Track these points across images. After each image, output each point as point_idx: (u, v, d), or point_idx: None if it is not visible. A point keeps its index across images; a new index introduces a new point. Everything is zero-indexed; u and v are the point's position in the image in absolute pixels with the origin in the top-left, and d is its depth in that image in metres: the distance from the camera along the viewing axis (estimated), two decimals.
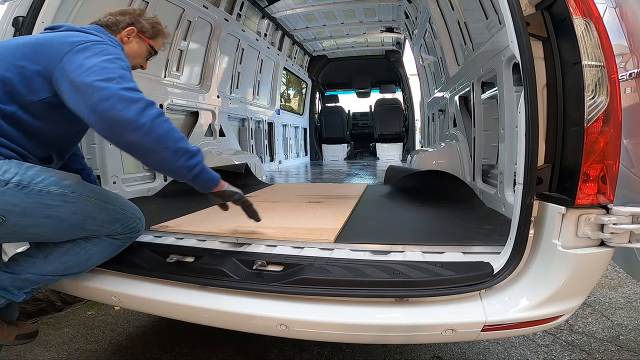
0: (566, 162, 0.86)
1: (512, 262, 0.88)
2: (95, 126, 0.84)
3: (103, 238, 1.01)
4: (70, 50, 0.86)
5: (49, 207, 0.87)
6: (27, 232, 0.90)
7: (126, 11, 1.14)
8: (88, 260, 1.01)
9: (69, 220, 0.92)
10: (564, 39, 0.86)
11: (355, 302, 0.90)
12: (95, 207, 0.96)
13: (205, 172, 0.99)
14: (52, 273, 0.98)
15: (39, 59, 0.87)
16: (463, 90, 2.01)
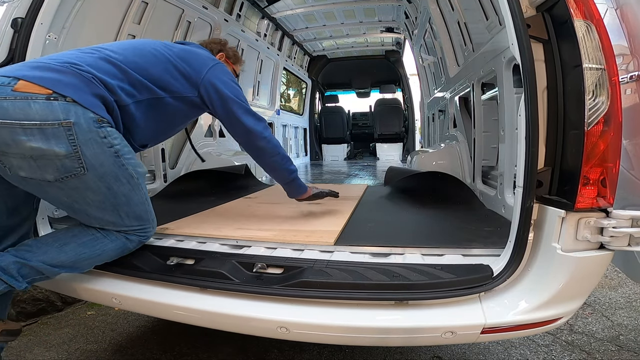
0: (566, 165, 0.86)
1: (511, 265, 0.88)
2: (234, 129, 1.24)
3: (119, 235, 1.04)
4: (213, 65, 1.21)
5: (117, 181, 0.97)
6: (81, 195, 0.95)
7: (214, 40, 1.48)
8: (99, 256, 1.02)
9: (118, 199, 0.99)
10: (565, 41, 0.86)
11: (355, 305, 0.90)
12: (138, 197, 1.03)
13: (299, 180, 1.35)
14: (62, 264, 0.97)
15: (190, 64, 1.17)
16: (463, 91, 2.00)
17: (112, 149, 0.95)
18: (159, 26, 2.13)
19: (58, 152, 0.86)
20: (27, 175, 0.89)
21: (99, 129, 0.92)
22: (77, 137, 0.88)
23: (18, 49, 1.30)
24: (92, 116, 0.91)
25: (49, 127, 0.86)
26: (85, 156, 0.90)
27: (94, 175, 0.93)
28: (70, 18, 1.61)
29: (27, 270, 0.95)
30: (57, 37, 1.55)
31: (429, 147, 3.01)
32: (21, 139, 0.84)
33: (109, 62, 1.02)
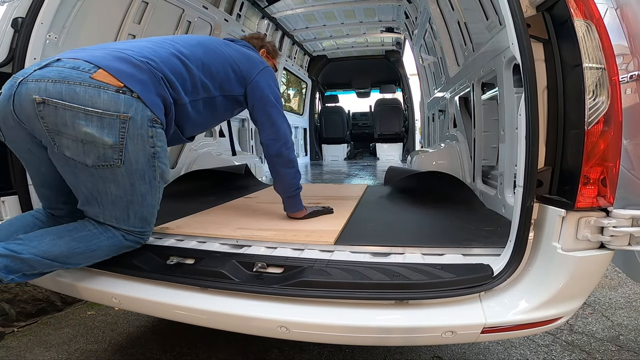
0: (566, 165, 0.86)
1: (511, 264, 0.88)
2: (265, 130, 1.31)
3: (117, 233, 1.03)
4: (263, 68, 1.30)
5: (142, 179, 0.99)
6: (105, 185, 0.97)
7: (254, 36, 1.53)
8: (93, 252, 1.00)
9: (135, 197, 1.00)
10: (565, 41, 0.86)
11: (356, 305, 0.90)
12: (152, 199, 1.05)
13: (299, 197, 1.40)
14: (54, 258, 0.94)
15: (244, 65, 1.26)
16: (463, 90, 2.00)
17: (153, 149, 0.99)
18: (159, 26, 2.13)
19: (106, 141, 0.91)
20: (71, 155, 0.92)
21: (150, 128, 0.97)
22: (127, 131, 0.93)
23: (18, 48, 1.30)
24: (149, 115, 0.97)
25: (108, 117, 0.90)
26: (127, 150, 0.94)
27: (126, 169, 0.96)
28: (71, 18, 1.61)
29: (16, 264, 0.91)
30: (57, 36, 1.55)
31: (429, 147, 3.01)
32: (80, 122, 0.88)
33: (179, 59, 1.08)
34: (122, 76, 0.93)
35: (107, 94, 0.90)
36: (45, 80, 0.89)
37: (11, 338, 1.79)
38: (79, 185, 0.99)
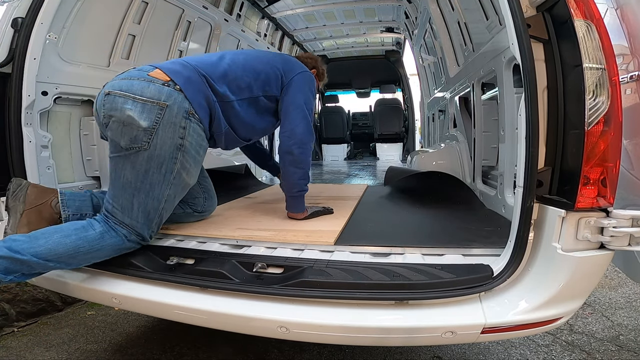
0: (566, 165, 0.86)
1: (511, 264, 0.88)
2: (284, 126, 1.32)
3: (119, 232, 1.06)
4: (302, 72, 1.37)
5: (158, 168, 1.06)
6: (122, 167, 1.05)
7: (310, 56, 1.64)
8: (96, 252, 1.03)
9: (143, 185, 1.06)
10: (565, 41, 0.86)
11: (356, 305, 0.90)
12: (159, 193, 1.09)
13: (302, 199, 1.41)
14: (57, 257, 0.97)
15: (285, 69, 1.34)
16: (463, 90, 2.00)
17: (180, 141, 1.07)
18: (159, 26, 2.13)
19: (141, 124, 1.01)
20: (111, 136, 1.04)
21: (184, 119, 1.06)
22: (162, 117, 1.03)
23: (18, 48, 1.31)
24: (187, 107, 1.06)
25: (150, 104, 1.02)
26: (157, 135, 1.03)
27: (148, 154, 1.04)
28: (71, 18, 1.61)
29: (17, 266, 0.93)
30: (57, 36, 1.56)
31: (429, 147, 3.01)
32: (126, 107, 1.01)
33: (224, 62, 1.22)
34: (170, 72, 1.08)
35: (155, 86, 1.04)
36: (118, 79, 1.08)
37: (11, 338, 1.79)
38: (114, 173, 1.08)
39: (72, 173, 1.75)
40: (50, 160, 1.53)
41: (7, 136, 1.31)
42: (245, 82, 1.23)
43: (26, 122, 1.34)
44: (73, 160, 1.76)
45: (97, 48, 1.82)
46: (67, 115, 1.73)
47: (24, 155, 1.32)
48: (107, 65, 1.87)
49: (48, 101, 1.52)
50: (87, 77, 1.74)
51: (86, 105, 1.81)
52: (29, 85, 1.34)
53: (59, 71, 1.57)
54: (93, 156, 1.82)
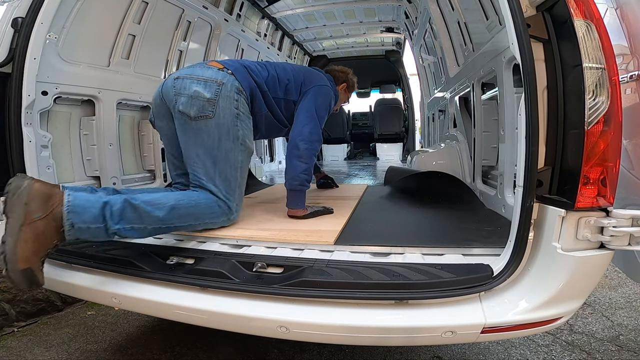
0: (566, 165, 0.86)
1: (511, 264, 0.88)
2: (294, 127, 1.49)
3: (210, 194, 1.26)
4: (321, 85, 1.59)
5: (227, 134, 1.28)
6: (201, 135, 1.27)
7: (342, 70, 1.85)
8: (193, 207, 1.20)
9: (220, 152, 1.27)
10: (565, 41, 0.86)
11: (356, 304, 0.90)
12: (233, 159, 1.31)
13: (303, 196, 1.48)
14: (162, 205, 1.13)
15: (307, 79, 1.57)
16: (463, 90, 2.00)
17: (236, 110, 1.31)
18: (159, 26, 2.13)
19: (205, 95, 1.26)
20: (182, 109, 1.26)
21: (236, 94, 1.32)
22: (220, 91, 1.28)
23: (18, 48, 1.30)
24: (237, 85, 1.33)
25: (210, 82, 1.28)
26: (218, 105, 1.26)
27: (215, 122, 1.26)
28: (71, 18, 1.61)
29: (130, 213, 1.06)
30: (57, 36, 1.55)
31: (429, 147, 3.01)
32: (192, 84, 1.27)
33: (258, 64, 1.50)
34: (223, 63, 1.39)
35: (212, 70, 1.33)
36: (183, 70, 1.38)
37: (11, 338, 1.79)
38: (184, 136, 1.30)
39: (72, 173, 1.75)
40: (50, 160, 1.53)
41: (7, 136, 1.31)
42: (272, 83, 1.48)
43: (26, 122, 1.34)
44: (73, 160, 1.76)
45: (97, 48, 1.82)
46: (67, 115, 1.73)
47: (24, 155, 1.32)
48: (107, 65, 1.87)
49: (48, 101, 1.52)
50: (87, 77, 1.74)
51: (86, 105, 1.81)
52: (29, 85, 1.34)
53: (59, 71, 1.57)
54: (93, 156, 1.82)
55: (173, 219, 1.13)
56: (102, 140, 1.82)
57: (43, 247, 0.93)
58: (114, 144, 1.89)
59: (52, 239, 0.95)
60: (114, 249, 1.16)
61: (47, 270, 1.20)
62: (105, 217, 1.01)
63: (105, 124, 1.83)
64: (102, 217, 1.00)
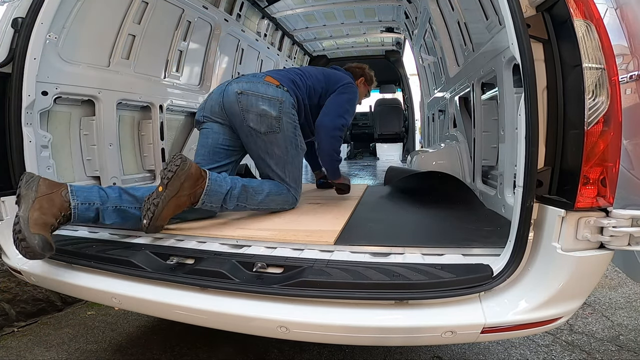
0: (566, 165, 0.86)
1: (511, 264, 0.88)
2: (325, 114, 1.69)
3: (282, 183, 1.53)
4: (346, 83, 1.76)
5: (292, 144, 1.55)
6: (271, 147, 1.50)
7: (358, 66, 2.05)
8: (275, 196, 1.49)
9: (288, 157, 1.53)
10: (565, 41, 0.86)
11: (355, 305, 0.90)
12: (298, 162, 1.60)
13: (338, 167, 1.84)
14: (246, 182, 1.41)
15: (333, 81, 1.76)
16: (463, 90, 2.00)
17: (294, 123, 1.55)
18: (159, 26, 2.14)
19: (272, 113, 1.47)
20: (252, 125, 1.47)
21: (291, 109, 1.54)
22: (282, 108, 1.49)
23: (18, 48, 1.30)
24: (292, 101, 1.56)
25: (274, 100, 1.49)
26: (282, 121, 1.49)
27: (282, 135, 1.50)
28: (71, 18, 1.61)
29: (242, 195, 1.38)
30: (57, 36, 1.56)
31: (429, 147, 3.01)
32: (259, 103, 1.47)
33: (302, 79, 1.69)
34: (278, 79, 1.57)
35: (273, 88, 1.51)
36: (241, 82, 1.53)
37: (11, 338, 1.80)
38: (255, 148, 1.52)
39: (72, 173, 1.75)
40: (50, 160, 1.53)
41: (7, 136, 1.31)
42: (312, 93, 1.69)
43: (26, 122, 1.34)
44: (73, 160, 1.76)
45: (97, 48, 1.82)
46: (67, 115, 1.73)
47: (24, 155, 1.32)
48: (107, 65, 1.87)
49: (48, 101, 1.52)
50: (87, 77, 1.74)
51: (86, 105, 1.81)
52: (29, 85, 1.34)
53: (59, 71, 1.57)
54: (93, 156, 1.82)
55: (265, 202, 1.45)
56: (102, 140, 1.83)
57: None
58: (114, 144, 1.89)
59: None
60: (114, 249, 1.16)
61: (47, 271, 1.21)
62: (226, 199, 1.33)
63: (105, 124, 1.83)
64: (224, 200, 1.33)
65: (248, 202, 1.40)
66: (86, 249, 1.18)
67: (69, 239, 1.32)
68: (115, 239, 1.31)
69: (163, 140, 2.20)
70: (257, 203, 1.43)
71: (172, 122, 2.39)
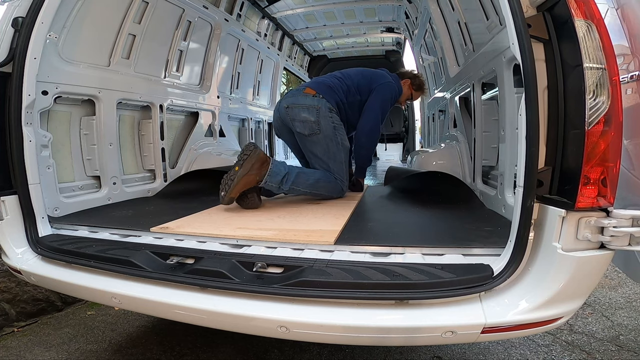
0: (567, 165, 0.86)
1: (512, 264, 0.88)
2: (362, 125, 1.99)
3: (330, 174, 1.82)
4: (385, 82, 2.00)
5: (332, 141, 1.82)
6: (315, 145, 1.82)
7: (412, 71, 2.31)
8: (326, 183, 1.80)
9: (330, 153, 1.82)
10: (566, 41, 0.86)
11: (356, 304, 0.89)
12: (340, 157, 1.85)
13: (365, 170, 2.15)
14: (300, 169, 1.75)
15: (373, 79, 2.00)
16: (463, 90, 2.00)
17: (333, 124, 1.82)
18: (160, 26, 2.14)
19: (311, 119, 1.78)
20: (299, 130, 1.82)
21: (329, 113, 1.81)
22: (319, 113, 1.78)
23: (18, 48, 1.30)
24: (329, 106, 1.82)
25: (311, 108, 1.80)
26: (321, 124, 1.78)
27: (323, 135, 1.79)
28: (71, 17, 1.61)
29: (297, 179, 1.69)
30: (57, 36, 1.56)
31: (429, 147, 3.01)
32: (300, 111, 1.80)
33: (341, 82, 1.95)
34: (314, 88, 1.86)
35: (309, 97, 1.82)
36: (287, 98, 1.91)
37: (11, 338, 1.79)
38: (305, 148, 1.87)
39: (72, 172, 1.75)
40: (50, 159, 1.53)
41: (7, 136, 1.31)
42: (350, 92, 1.93)
43: (26, 122, 1.34)
44: (73, 160, 1.76)
45: (98, 48, 1.82)
46: (67, 114, 1.73)
47: (24, 154, 1.32)
48: (107, 65, 1.87)
49: (48, 101, 1.52)
50: (88, 77, 1.74)
51: (86, 105, 1.81)
52: (29, 84, 1.34)
53: (59, 71, 1.57)
54: (93, 156, 1.82)
55: (316, 187, 1.74)
56: (102, 140, 1.83)
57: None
58: (114, 144, 1.89)
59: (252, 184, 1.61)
60: (114, 249, 1.16)
61: (47, 270, 1.21)
62: (283, 181, 1.65)
63: (105, 123, 1.83)
64: (281, 182, 1.65)
65: (301, 185, 1.70)
66: (86, 248, 1.18)
67: (69, 238, 1.32)
68: (116, 238, 1.31)
69: (163, 140, 2.20)
70: (308, 186, 1.72)
71: (172, 121, 2.39)
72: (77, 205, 1.65)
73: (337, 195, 1.82)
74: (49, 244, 1.26)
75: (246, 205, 1.61)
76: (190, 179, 2.21)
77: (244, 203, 1.62)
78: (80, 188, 1.75)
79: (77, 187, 1.74)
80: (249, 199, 1.61)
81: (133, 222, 1.43)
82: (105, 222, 1.45)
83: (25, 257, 1.27)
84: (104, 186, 1.83)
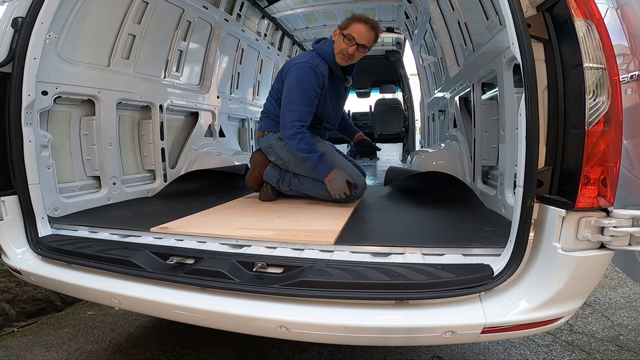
0: (567, 165, 0.86)
1: (512, 264, 0.88)
2: (281, 121, 1.76)
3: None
4: (286, 72, 1.82)
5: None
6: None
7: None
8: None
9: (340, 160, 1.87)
10: (565, 41, 0.86)
11: (356, 305, 0.90)
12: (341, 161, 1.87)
13: (319, 163, 1.71)
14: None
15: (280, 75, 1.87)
16: (463, 90, 2.00)
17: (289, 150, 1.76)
18: (159, 26, 2.13)
19: (273, 158, 1.87)
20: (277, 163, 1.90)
21: (281, 142, 1.80)
22: (275, 150, 1.85)
23: (18, 48, 1.30)
24: (276, 136, 1.83)
25: (267, 149, 1.89)
26: (283, 158, 1.84)
27: (292, 163, 1.81)
28: (71, 17, 1.61)
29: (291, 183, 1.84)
30: (57, 36, 1.56)
31: (429, 147, 3.01)
32: (267, 153, 1.90)
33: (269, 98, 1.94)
34: (260, 127, 1.96)
35: (261, 140, 1.93)
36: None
37: (11, 338, 1.79)
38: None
39: (72, 173, 1.75)
40: (50, 159, 1.53)
41: (7, 136, 1.31)
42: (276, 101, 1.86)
43: (26, 122, 1.34)
44: (73, 160, 1.76)
45: (97, 48, 1.82)
46: (67, 115, 1.73)
47: (24, 154, 1.32)
48: (107, 65, 1.87)
49: (48, 101, 1.52)
50: (87, 77, 1.74)
51: (86, 105, 1.81)
52: (29, 84, 1.34)
53: (59, 71, 1.57)
54: (93, 156, 1.82)
55: (311, 191, 1.80)
56: (102, 140, 1.82)
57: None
58: (114, 144, 1.89)
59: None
60: (114, 249, 1.16)
61: (47, 271, 1.21)
62: (279, 181, 1.83)
63: (105, 123, 1.83)
64: (277, 182, 1.83)
65: (296, 187, 1.82)
66: (86, 249, 1.18)
67: (69, 239, 1.32)
68: (115, 239, 1.31)
69: (163, 140, 2.20)
70: (302, 190, 1.81)
71: (172, 122, 2.39)
72: (77, 206, 1.65)
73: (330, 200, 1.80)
74: (49, 244, 1.26)
75: (262, 197, 1.88)
76: (190, 179, 2.21)
77: (261, 195, 1.90)
78: (80, 188, 1.75)
79: (77, 187, 1.74)
80: (263, 190, 1.88)
81: (133, 222, 1.43)
82: (105, 223, 1.45)
83: (25, 257, 1.27)
84: (104, 186, 1.83)
